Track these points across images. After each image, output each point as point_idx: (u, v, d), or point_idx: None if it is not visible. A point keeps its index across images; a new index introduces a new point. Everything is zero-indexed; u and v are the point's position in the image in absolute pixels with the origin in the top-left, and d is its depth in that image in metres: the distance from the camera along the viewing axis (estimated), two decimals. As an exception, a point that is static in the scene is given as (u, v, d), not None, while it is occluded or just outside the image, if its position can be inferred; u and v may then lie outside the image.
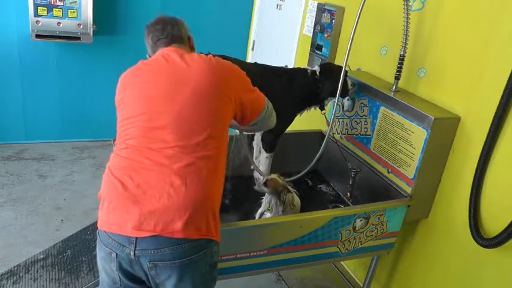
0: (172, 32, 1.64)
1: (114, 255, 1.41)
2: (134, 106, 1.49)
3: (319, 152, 2.33)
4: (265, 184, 2.05)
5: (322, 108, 2.40)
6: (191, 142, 1.40)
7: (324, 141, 2.32)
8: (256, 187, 2.09)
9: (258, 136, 2.46)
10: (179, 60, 1.52)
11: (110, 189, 1.42)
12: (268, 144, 2.35)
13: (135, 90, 1.51)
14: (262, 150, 2.40)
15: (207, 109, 1.45)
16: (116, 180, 1.41)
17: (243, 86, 1.60)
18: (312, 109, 2.43)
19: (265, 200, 2.12)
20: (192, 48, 1.72)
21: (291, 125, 2.39)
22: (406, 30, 2.15)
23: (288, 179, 2.30)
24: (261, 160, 2.40)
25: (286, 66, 3.56)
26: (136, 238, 1.34)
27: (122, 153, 1.45)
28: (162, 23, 1.65)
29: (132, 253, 1.36)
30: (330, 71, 2.34)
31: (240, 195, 2.43)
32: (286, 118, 2.33)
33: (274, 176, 2.09)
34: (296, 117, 2.40)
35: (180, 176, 1.37)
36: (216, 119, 1.47)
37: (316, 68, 2.36)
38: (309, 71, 2.34)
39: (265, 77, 2.25)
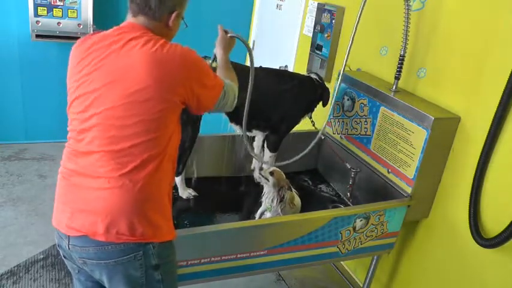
0: (146, 0, 1.40)
1: (58, 245, 1.50)
2: (74, 101, 1.44)
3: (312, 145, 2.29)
4: (271, 173, 2.05)
5: (310, 116, 2.51)
6: (118, 147, 1.33)
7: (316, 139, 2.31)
8: (262, 172, 2.07)
9: (259, 137, 2.48)
10: (122, 49, 1.35)
11: (58, 184, 1.47)
12: (273, 144, 2.38)
13: (77, 82, 1.43)
14: (266, 150, 2.42)
15: (144, 113, 1.32)
16: (60, 175, 1.46)
17: (194, 82, 1.40)
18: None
19: (265, 196, 2.12)
20: (167, 27, 1.48)
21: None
22: (406, 30, 2.15)
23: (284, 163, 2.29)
24: (265, 159, 2.42)
25: (286, 66, 3.57)
26: (69, 236, 1.39)
27: (66, 149, 1.47)
28: None
29: (67, 246, 1.42)
30: (322, 79, 2.51)
31: (240, 195, 2.43)
32: (293, 121, 2.44)
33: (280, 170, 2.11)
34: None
35: (106, 179, 1.34)
36: (155, 123, 1.34)
37: (314, 76, 2.47)
38: (313, 78, 2.45)
39: (273, 81, 2.30)
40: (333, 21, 2.89)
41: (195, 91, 1.41)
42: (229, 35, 1.79)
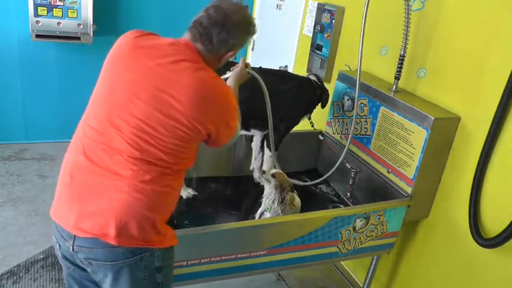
0: (210, 33, 1.44)
1: (57, 245, 1.48)
2: (107, 89, 1.44)
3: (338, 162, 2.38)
4: (273, 175, 2.05)
5: (309, 117, 2.52)
6: (142, 156, 1.35)
7: (343, 153, 2.37)
8: (264, 175, 2.10)
9: (257, 137, 2.48)
10: (172, 65, 1.38)
11: (62, 180, 1.45)
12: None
13: (115, 75, 1.44)
14: (266, 150, 2.42)
15: (173, 134, 1.36)
16: (64, 169, 1.44)
17: (223, 122, 1.47)
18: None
19: (265, 196, 2.12)
20: (218, 60, 1.52)
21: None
22: (406, 30, 2.15)
23: (301, 183, 2.32)
24: (265, 159, 2.43)
25: (286, 66, 3.57)
26: (75, 235, 1.37)
27: (80, 141, 1.43)
28: (216, 16, 1.44)
29: (71, 247, 1.40)
30: (322, 80, 2.52)
31: (240, 195, 2.43)
32: (292, 121, 2.44)
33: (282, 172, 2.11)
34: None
35: (125, 183, 1.34)
36: (181, 145, 1.38)
37: (313, 77, 2.48)
38: (313, 80, 2.46)
39: (273, 81, 2.31)
40: (333, 21, 2.89)
41: (220, 129, 1.47)
42: (247, 70, 1.86)
